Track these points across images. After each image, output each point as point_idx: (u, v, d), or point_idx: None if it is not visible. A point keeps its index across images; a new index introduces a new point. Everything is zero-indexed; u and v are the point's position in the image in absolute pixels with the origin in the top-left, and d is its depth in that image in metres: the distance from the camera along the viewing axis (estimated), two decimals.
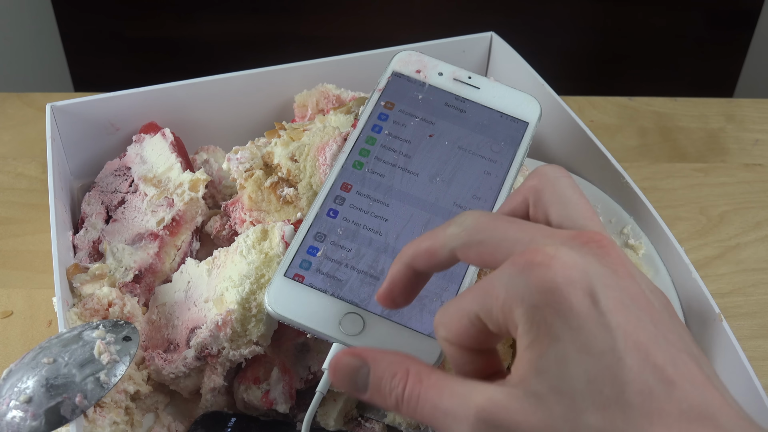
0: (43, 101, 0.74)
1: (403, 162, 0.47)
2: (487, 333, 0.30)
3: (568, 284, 0.27)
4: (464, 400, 0.28)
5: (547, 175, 0.33)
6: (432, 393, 0.29)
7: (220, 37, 1.29)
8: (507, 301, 0.28)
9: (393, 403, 0.30)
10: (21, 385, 0.41)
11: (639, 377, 0.26)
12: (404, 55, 0.52)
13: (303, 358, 0.49)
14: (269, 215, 0.53)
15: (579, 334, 0.27)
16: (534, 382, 0.27)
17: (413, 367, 0.30)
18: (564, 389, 0.26)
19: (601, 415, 0.26)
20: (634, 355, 0.26)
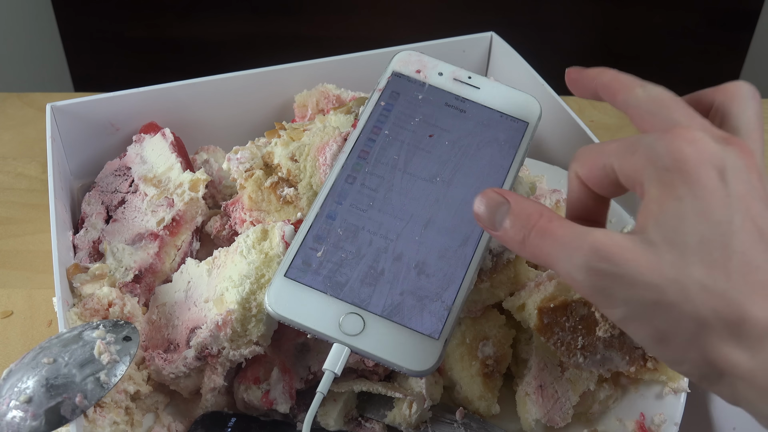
0: (43, 101, 0.74)
1: (403, 162, 0.47)
2: (613, 182, 0.34)
3: (702, 161, 0.30)
4: (583, 235, 0.31)
5: (742, 95, 0.36)
6: (558, 230, 0.33)
7: (220, 37, 1.29)
8: (644, 159, 0.31)
9: (520, 238, 0.34)
10: (21, 385, 0.41)
11: (749, 251, 0.29)
12: (404, 55, 0.52)
13: (303, 358, 0.49)
14: (269, 215, 0.53)
15: (701, 201, 0.30)
16: (651, 231, 0.30)
17: (546, 212, 0.34)
18: (677, 242, 0.29)
19: (706, 271, 0.29)
20: (749, 233, 0.29)
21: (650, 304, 0.30)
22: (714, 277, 0.29)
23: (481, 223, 0.36)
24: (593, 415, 0.49)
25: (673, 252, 0.29)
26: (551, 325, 0.47)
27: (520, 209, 0.35)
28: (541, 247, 0.33)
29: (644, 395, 0.49)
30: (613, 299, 0.31)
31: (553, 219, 0.34)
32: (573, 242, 0.32)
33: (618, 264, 0.30)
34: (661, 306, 0.29)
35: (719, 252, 0.29)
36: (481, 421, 0.49)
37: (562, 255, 0.32)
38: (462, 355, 0.50)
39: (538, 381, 0.49)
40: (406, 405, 0.47)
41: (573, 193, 0.37)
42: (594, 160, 0.34)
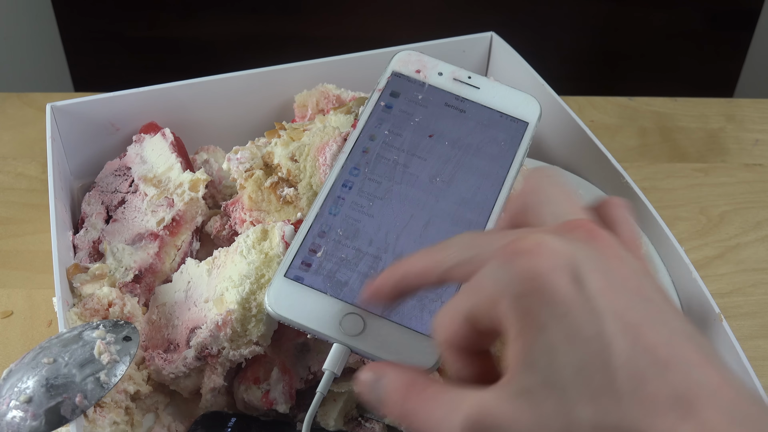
0: (43, 101, 0.74)
1: (403, 162, 0.47)
2: (480, 332, 0.29)
3: (552, 270, 0.26)
4: (453, 408, 0.27)
5: (532, 179, 0.32)
6: (426, 404, 0.29)
7: (220, 37, 1.29)
8: (494, 294, 0.27)
9: (399, 414, 0.30)
10: (21, 385, 0.41)
11: (629, 361, 0.24)
12: (404, 55, 0.52)
13: (303, 358, 0.49)
14: (269, 215, 0.53)
15: (565, 320, 0.25)
16: (522, 378, 0.26)
17: (420, 380, 0.30)
18: (554, 382, 0.25)
19: (593, 407, 0.24)
20: (624, 338, 0.25)
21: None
22: (603, 410, 0.24)
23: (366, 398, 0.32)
24: None
25: (552, 396, 0.25)
26: None
27: (393, 381, 0.30)
28: (419, 418, 0.29)
29: None
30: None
31: (427, 387, 0.29)
32: (447, 417, 0.27)
33: (499, 428, 0.26)
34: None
35: (600, 375, 0.24)
36: None
37: (442, 427, 0.27)
38: None
39: None
40: None
41: (450, 364, 0.31)
42: (451, 320, 0.29)
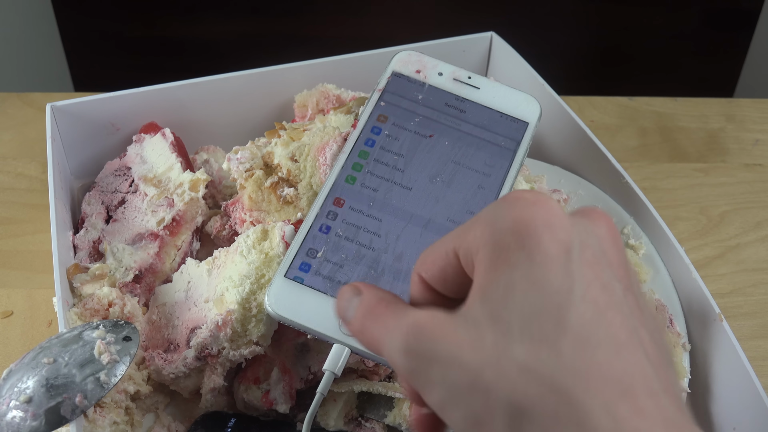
0: (43, 101, 0.74)
1: (403, 162, 0.47)
2: (457, 270, 0.28)
3: (546, 226, 0.26)
4: (406, 315, 0.28)
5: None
6: (386, 311, 0.29)
7: (221, 37, 1.29)
8: (483, 226, 0.27)
9: (359, 327, 0.30)
10: (21, 385, 0.41)
11: (586, 329, 0.24)
12: (404, 55, 0.52)
13: (303, 358, 0.49)
14: (269, 215, 0.53)
15: (536, 268, 0.25)
16: (476, 308, 0.26)
17: (388, 297, 0.29)
18: (502, 317, 0.25)
19: (531, 351, 0.24)
20: (588, 308, 0.25)
21: (466, 387, 0.25)
22: (541, 357, 0.24)
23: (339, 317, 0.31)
24: None
25: (495, 328, 0.25)
26: None
27: (368, 298, 0.30)
28: (372, 332, 0.29)
29: None
30: (429, 381, 0.26)
31: (390, 304, 0.29)
32: (395, 323, 0.28)
33: (435, 342, 0.26)
34: (476, 389, 0.25)
35: (551, 327, 0.24)
36: None
37: (386, 338, 0.28)
38: None
39: None
40: (406, 405, 0.47)
41: (415, 299, 0.30)
42: (435, 254, 0.29)
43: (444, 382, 0.26)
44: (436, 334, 0.26)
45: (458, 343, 0.26)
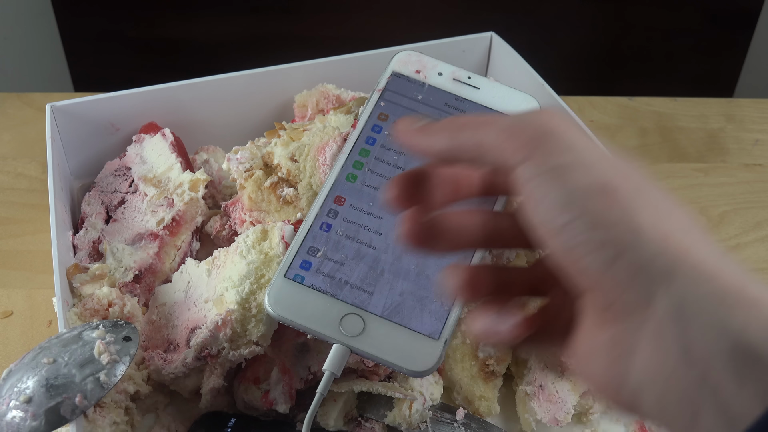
0: (43, 101, 0.74)
1: (404, 161, 0.47)
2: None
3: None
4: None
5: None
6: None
7: (220, 37, 1.29)
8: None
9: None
10: (21, 385, 0.41)
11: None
12: (404, 56, 0.52)
13: (303, 358, 0.49)
14: (269, 215, 0.53)
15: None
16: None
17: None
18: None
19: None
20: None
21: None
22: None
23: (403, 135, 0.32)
24: (593, 415, 0.49)
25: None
26: None
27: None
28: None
29: None
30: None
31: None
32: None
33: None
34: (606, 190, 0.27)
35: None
36: (481, 421, 0.49)
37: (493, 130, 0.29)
38: (462, 355, 0.50)
39: (538, 381, 0.49)
40: (406, 405, 0.47)
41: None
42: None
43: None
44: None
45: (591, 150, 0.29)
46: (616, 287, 0.26)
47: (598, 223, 0.27)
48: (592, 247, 0.27)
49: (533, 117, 0.29)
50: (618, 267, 0.26)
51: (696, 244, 0.27)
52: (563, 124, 0.29)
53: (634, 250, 0.26)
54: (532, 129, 0.28)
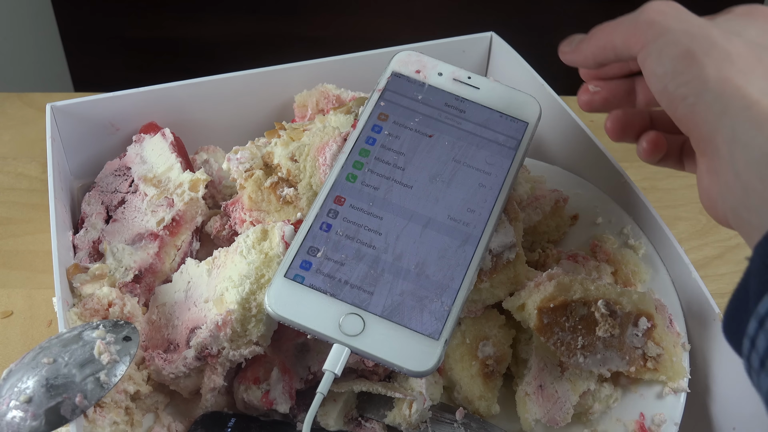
0: (43, 101, 0.74)
1: (402, 163, 0.47)
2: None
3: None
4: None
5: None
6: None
7: (220, 37, 1.29)
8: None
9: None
10: (21, 385, 0.41)
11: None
12: (404, 56, 0.52)
13: (303, 358, 0.49)
14: (269, 215, 0.53)
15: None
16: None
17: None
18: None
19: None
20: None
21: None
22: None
23: (563, 56, 0.46)
24: (593, 415, 0.49)
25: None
26: (551, 325, 0.47)
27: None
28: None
29: (644, 395, 0.49)
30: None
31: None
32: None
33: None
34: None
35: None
36: (481, 421, 0.49)
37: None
38: (462, 355, 0.50)
39: (538, 381, 0.49)
40: (406, 405, 0.47)
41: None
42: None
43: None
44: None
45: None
46: (698, 126, 0.35)
47: (681, 80, 0.36)
48: (679, 98, 0.36)
49: (641, 14, 0.39)
50: (697, 110, 0.35)
51: (751, 81, 0.34)
52: (663, 13, 0.38)
53: (701, 96, 0.35)
54: (642, 25, 0.38)
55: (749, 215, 0.33)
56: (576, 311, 0.47)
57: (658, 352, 0.48)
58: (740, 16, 0.40)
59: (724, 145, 0.34)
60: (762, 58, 0.36)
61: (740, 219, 0.34)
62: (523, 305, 0.48)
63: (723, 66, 0.35)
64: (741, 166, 0.33)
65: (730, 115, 0.34)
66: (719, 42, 0.36)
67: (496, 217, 0.46)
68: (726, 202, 0.34)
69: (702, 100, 0.35)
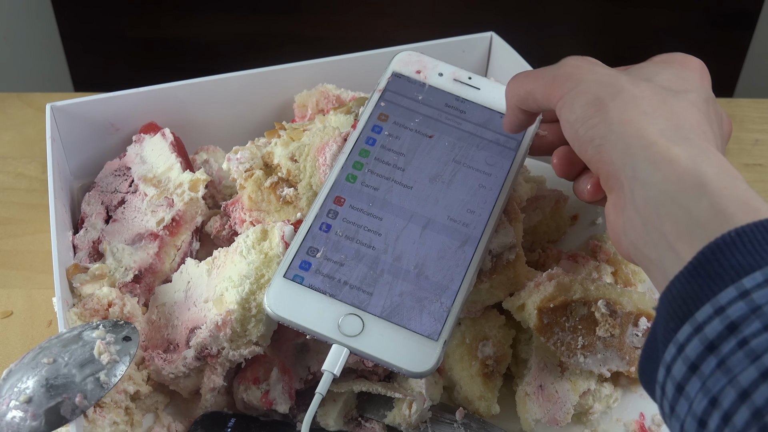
0: (43, 101, 0.74)
1: (402, 163, 0.47)
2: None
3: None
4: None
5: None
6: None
7: (220, 37, 1.29)
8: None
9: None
10: (21, 385, 0.41)
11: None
12: (404, 56, 0.52)
13: (303, 359, 0.49)
14: (269, 215, 0.53)
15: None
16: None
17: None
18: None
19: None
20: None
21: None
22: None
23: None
24: (593, 415, 0.49)
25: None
26: (551, 325, 0.47)
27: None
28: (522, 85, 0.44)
29: (644, 395, 0.49)
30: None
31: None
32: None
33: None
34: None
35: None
36: (481, 421, 0.49)
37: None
38: (462, 355, 0.50)
39: (538, 381, 0.49)
40: (405, 405, 0.47)
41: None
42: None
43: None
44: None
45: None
46: (605, 165, 0.37)
47: (590, 124, 0.38)
48: (587, 140, 0.38)
49: (560, 69, 0.42)
50: (603, 150, 0.37)
51: (652, 122, 0.36)
52: (578, 67, 0.41)
53: (606, 137, 0.37)
54: (560, 78, 0.41)
55: (648, 250, 0.34)
56: (576, 311, 0.47)
57: None
58: (657, 63, 0.42)
59: (626, 183, 0.35)
60: (666, 101, 0.38)
61: (640, 253, 0.35)
62: (523, 305, 0.48)
63: (627, 108, 0.37)
64: (640, 202, 0.34)
65: (630, 155, 0.35)
66: (626, 87, 0.38)
67: (496, 218, 0.46)
68: (628, 237, 0.36)
69: (607, 141, 0.37)
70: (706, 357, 0.29)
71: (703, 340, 0.29)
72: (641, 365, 0.34)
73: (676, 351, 0.30)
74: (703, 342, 0.29)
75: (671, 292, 0.31)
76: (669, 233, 0.33)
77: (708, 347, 0.29)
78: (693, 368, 0.29)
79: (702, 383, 0.29)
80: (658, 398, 0.32)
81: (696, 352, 0.29)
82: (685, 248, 0.32)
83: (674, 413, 0.30)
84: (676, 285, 0.31)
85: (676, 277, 0.31)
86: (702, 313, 0.29)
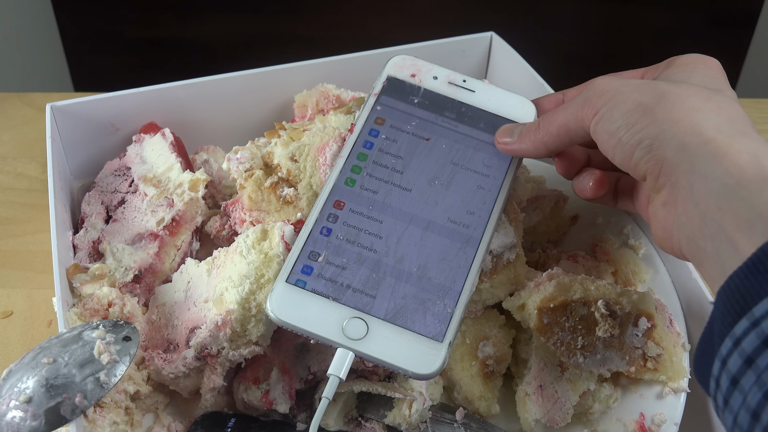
0: (43, 101, 0.74)
1: (400, 166, 0.47)
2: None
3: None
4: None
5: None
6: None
7: (220, 37, 1.30)
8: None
9: (535, 126, 0.45)
10: (21, 385, 0.41)
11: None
12: (398, 60, 0.52)
13: (303, 359, 0.49)
14: (269, 215, 0.53)
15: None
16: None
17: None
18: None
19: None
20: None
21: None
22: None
23: (504, 147, 0.47)
24: (593, 415, 0.49)
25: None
26: (551, 325, 0.47)
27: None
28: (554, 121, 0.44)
29: (644, 395, 0.49)
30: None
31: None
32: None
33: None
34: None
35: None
36: (481, 421, 0.49)
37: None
38: (462, 355, 0.50)
39: (538, 381, 0.49)
40: (405, 405, 0.47)
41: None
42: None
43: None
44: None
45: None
46: (657, 163, 0.37)
47: (636, 129, 0.38)
48: (635, 144, 0.38)
49: (590, 90, 0.41)
50: (653, 149, 0.37)
51: (704, 117, 0.37)
52: (610, 83, 0.41)
53: (657, 137, 0.37)
54: (593, 97, 0.41)
55: (704, 243, 0.35)
56: (576, 311, 0.47)
57: (658, 352, 0.48)
58: (681, 66, 0.43)
59: (684, 177, 0.36)
60: (711, 98, 0.38)
61: (695, 247, 0.36)
62: (523, 305, 0.48)
63: (675, 108, 0.38)
64: (700, 195, 0.35)
65: (688, 151, 0.36)
66: (668, 89, 0.39)
67: (496, 219, 0.46)
68: (682, 232, 0.36)
69: (658, 140, 0.37)
70: (762, 351, 0.29)
71: (760, 334, 0.29)
72: (696, 358, 0.35)
73: (733, 345, 0.31)
74: (760, 336, 0.29)
75: (729, 286, 0.32)
76: (728, 225, 0.33)
77: (765, 341, 0.29)
78: (749, 362, 0.30)
79: (757, 377, 0.29)
80: (711, 391, 0.33)
81: (752, 346, 0.30)
82: (744, 241, 0.32)
83: (728, 406, 0.31)
84: (734, 280, 0.32)
85: (735, 273, 0.32)
86: (760, 308, 0.30)
